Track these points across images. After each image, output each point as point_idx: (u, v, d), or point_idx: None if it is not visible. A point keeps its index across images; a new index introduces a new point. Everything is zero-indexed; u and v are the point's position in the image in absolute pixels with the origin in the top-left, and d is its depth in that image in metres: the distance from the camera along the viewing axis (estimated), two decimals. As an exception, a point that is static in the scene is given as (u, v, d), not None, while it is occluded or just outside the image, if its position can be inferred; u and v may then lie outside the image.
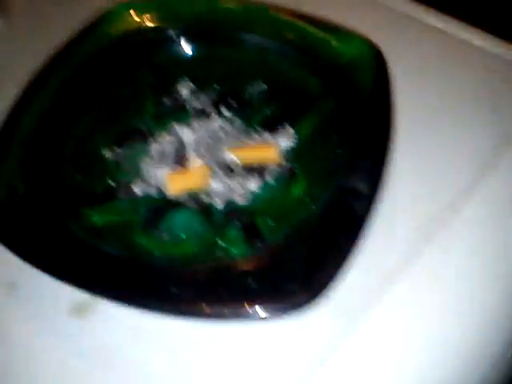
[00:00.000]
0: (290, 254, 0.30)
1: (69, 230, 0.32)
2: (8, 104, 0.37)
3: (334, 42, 0.39)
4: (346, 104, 0.37)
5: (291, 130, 0.39)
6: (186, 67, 0.42)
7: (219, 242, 0.34)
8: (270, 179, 0.37)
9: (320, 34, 0.40)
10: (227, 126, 0.40)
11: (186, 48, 0.43)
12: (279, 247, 0.31)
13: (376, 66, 0.37)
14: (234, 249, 0.33)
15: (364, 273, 0.31)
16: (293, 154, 0.38)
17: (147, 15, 0.43)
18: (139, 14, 0.43)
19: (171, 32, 0.42)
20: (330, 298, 0.28)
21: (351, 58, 0.38)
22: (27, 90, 0.37)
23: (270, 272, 0.29)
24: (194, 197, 0.36)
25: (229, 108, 0.41)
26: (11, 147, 0.35)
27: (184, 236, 0.34)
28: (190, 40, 0.42)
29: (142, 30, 0.42)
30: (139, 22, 0.43)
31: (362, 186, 0.31)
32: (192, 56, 0.43)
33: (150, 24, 0.43)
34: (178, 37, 0.42)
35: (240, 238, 0.33)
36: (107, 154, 0.38)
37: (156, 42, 0.42)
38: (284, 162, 0.37)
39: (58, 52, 0.40)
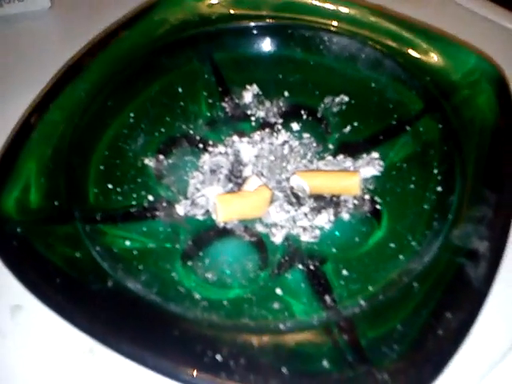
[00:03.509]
0: (374, 324, 0.22)
1: (89, 254, 0.25)
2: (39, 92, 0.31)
3: (441, 56, 0.32)
4: (454, 131, 0.29)
5: (376, 156, 0.31)
6: (254, 69, 0.35)
7: (276, 288, 0.26)
8: (345, 215, 0.29)
9: (424, 44, 0.32)
10: (295, 144, 0.33)
11: (258, 46, 0.36)
12: (365, 311, 0.23)
13: (498, 89, 0.29)
14: (297, 303, 0.25)
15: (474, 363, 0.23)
16: (376, 186, 0.30)
17: (213, 2, 0.36)
18: (203, 1, 0.36)
19: (240, 24, 0.35)
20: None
21: (465, 76, 0.30)
22: (60, 78, 0.31)
23: (351, 351, 0.21)
24: (246, 224, 0.29)
25: (299, 122, 0.34)
26: (32, 145, 0.28)
27: (229, 272, 0.27)
28: (263, 37, 0.35)
29: (205, 19, 0.35)
30: (202, 10, 0.36)
31: (478, 245, 0.23)
32: (263, 56, 0.36)
33: (215, 13, 0.36)
34: (249, 32, 0.35)
35: (304, 290, 0.26)
36: (149, 162, 0.32)
37: (220, 35, 0.35)
38: (365, 196, 0.30)
39: (99, 39, 0.33)
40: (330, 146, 0.32)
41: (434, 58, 0.32)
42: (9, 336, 0.27)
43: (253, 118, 0.34)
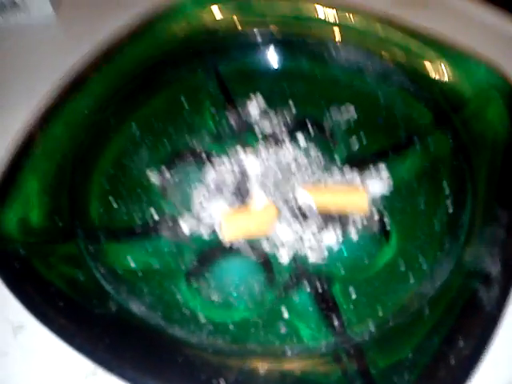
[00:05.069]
0: (384, 352, 0.21)
1: (92, 275, 0.25)
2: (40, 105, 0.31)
3: (451, 67, 0.31)
4: (465, 145, 0.28)
5: (385, 172, 0.30)
6: (259, 81, 0.35)
7: (283, 311, 0.25)
8: (353, 234, 0.28)
9: (433, 56, 0.31)
10: (302, 158, 0.32)
11: (264, 58, 0.35)
12: (375, 338, 0.22)
13: (510, 101, 0.28)
14: (304, 328, 0.24)
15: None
16: (385, 204, 0.29)
17: (218, 13, 0.35)
18: (207, 10, 0.35)
19: (245, 35, 0.34)
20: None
21: (475, 89, 0.30)
22: (62, 91, 0.31)
23: (360, 380, 0.20)
24: (252, 243, 0.28)
25: (306, 136, 0.33)
26: (34, 162, 0.28)
27: (235, 294, 0.26)
28: (268, 48, 0.35)
29: (210, 31, 0.35)
30: (207, 21, 0.35)
31: (491, 268, 0.23)
32: (269, 68, 0.35)
33: (220, 24, 0.35)
34: (255, 43, 0.34)
35: (312, 313, 0.25)
36: (153, 177, 0.31)
37: (225, 46, 0.35)
38: (373, 214, 0.29)
39: (103, 51, 0.33)
40: (338, 161, 0.32)
41: (443, 69, 0.31)
42: (11, 356, 0.27)
43: (258, 131, 0.34)
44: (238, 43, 0.35)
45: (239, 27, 0.35)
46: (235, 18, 0.35)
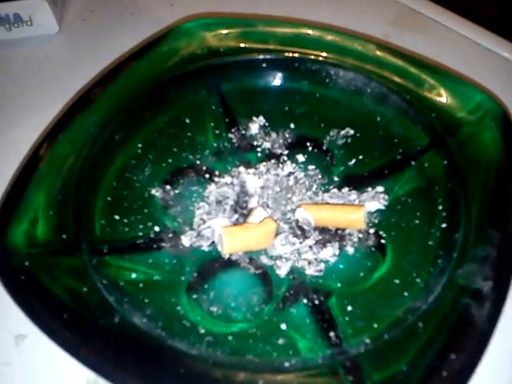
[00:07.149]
0: (379, 366, 0.22)
1: (95, 288, 0.25)
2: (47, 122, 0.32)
3: (447, 92, 0.32)
4: (459, 168, 0.29)
5: (381, 190, 0.31)
6: (261, 100, 0.36)
7: (280, 323, 0.26)
8: (350, 249, 0.29)
9: (430, 80, 0.33)
10: (301, 175, 0.33)
11: (264, 77, 0.36)
12: (370, 351, 0.23)
13: (503, 126, 0.29)
14: (302, 340, 0.25)
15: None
16: (381, 220, 0.30)
17: (222, 35, 0.36)
18: (211, 32, 0.37)
19: (248, 57, 0.36)
20: None
21: (470, 113, 0.31)
22: (69, 109, 0.31)
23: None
24: (251, 256, 0.29)
25: (305, 153, 0.34)
26: (41, 177, 0.28)
27: (233, 306, 0.27)
28: (269, 68, 0.36)
29: (213, 51, 0.36)
30: (210, 42, 0.36)
31: (483, 285, 0.24)
32: (269, 88, 0.36)
33: (223, 45, 0.36)
34: (257, 64, 0.36)
35: (309, 325, 0.26)
36: (155, 193, 0.32)
37: (228, 67, 0.36)
38: (370, 230, 0.30)
39: (109, 69, 0.34)
40: (335, 179, 0.33)
41: (439, 94, 0.32)
42: (13, 364, 0.27)
43: (259, 149, 0.35)
44: (240, 64, 0.36)
45: (241, 49, 0.36)
46: (239, 42, 0.36)
